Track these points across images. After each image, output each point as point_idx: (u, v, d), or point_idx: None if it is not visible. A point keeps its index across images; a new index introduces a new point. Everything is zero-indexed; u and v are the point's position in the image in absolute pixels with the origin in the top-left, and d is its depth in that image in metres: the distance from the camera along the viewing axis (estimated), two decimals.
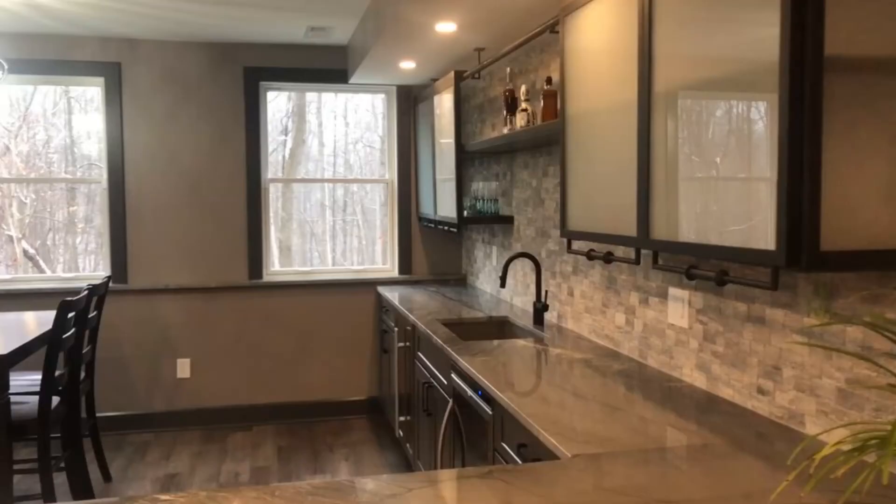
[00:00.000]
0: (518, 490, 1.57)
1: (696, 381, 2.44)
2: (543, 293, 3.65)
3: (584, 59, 2.50)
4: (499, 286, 4.18)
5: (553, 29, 2.92)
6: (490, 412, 2.51)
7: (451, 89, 4.21)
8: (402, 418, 4.24)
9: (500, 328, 3.87)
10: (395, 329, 4.28)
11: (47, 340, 3.19)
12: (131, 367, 5.00)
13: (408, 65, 4.47)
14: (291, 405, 5.22)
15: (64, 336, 3.24)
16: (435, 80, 4.98)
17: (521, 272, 4.13)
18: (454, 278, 5.45)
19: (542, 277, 3.69)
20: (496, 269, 4.63)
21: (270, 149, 5.29)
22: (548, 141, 3.52)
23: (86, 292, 3.53)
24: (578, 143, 2.55)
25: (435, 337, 3.33)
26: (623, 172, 2.21)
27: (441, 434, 3.09)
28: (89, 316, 3.75)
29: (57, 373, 3.23)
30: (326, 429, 5.06)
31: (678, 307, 2.53)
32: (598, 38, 2.39)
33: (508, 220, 4.28)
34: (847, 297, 1.78)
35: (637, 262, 2.29)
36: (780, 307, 2.02)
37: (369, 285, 5.35)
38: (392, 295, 4.77)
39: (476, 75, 4.04)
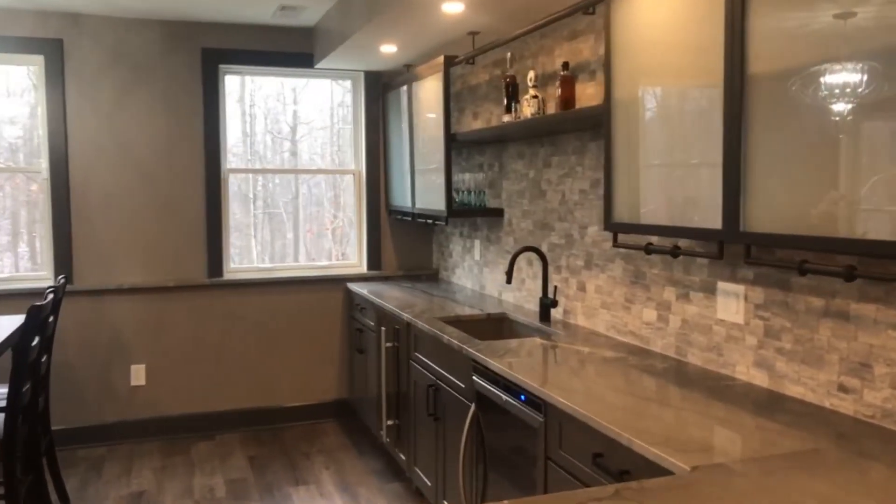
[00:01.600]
0: None
1: (755, 380, 2.35)
2: (552, 288, 3.50)
3: (642, 39, 2.35)
4: (476, 280, 4.02)
5: (587, 10, 2.77)
6: (541, 419, 2.34)
7: (439, 75, 4.00)
8: (389, 422, 4.02)
9: (502, 326, 3.70)
10: (383, 328, 4.04)
11: (14, 351, 2.80)
12: (80, 376, 4.56)
13: (389, 49, 4.23)
14: (256, 411, 4.90)
15: (32, 345, 2.86)
16: (409, 65, 4.76)
17: (515, 267, 3.97)
18: (426, 274, 5.24)
19: (545, 272, 3.54)
20: (478, 264, 4.46)
21: (230, 139, 4.93)
22: (553, 130, 3.37)
23: (51, 296, 3.14)
24: (632, 130, 2.40)
25: (447, 337, 3.13)
26: (702, 162, 2.08)
27: (463, 440, 2.90)
28: (48, 321, 3.35)
29: (24, 388, 2.84)
30: (296, 435, 4.77)
31: (731, 302, 2.43)
32: (663, 17, 2.24)
33: (497, 213, 4.11)
34: None
35: (720, 256, 2.17)
36: (871, 301, 1.94)
37: (337, 282, 5.08)
38: (367, 292, 4.53)
39: (470, 60, 3.84)
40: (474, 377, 2.87)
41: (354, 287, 4.86)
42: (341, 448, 4.52)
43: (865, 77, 1.66)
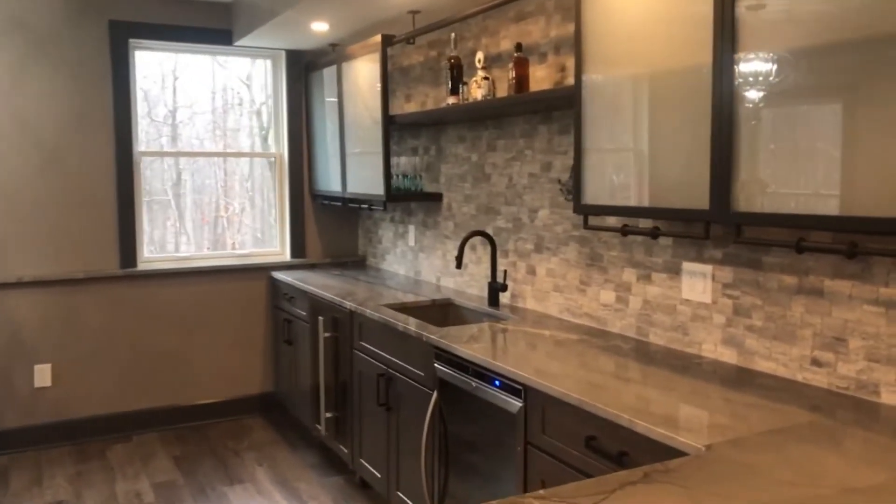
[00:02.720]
0: (708, 495, 1.39)
1: (723, 357, 2.41)
2: (502, 273, 3.47)
3: (617, 15, 2.34)
4: (411, 266, 3.95)
5: None
6: (520, 404, 2.30)
7: (376, 55, 3.87)
8: (328, 415, 3.88)
9: (449, 311, 3.64)
10: (320, 318, 3.89)
11: None
12: None
13: (320, 27, 4.06)
14: (176, 408, 4.62)
15: None
16: (335, 45, 4.59)
17: (454, 251, 3.93)
18: (352, 260, 5.10)
19: (494, 257, 3.51)
20: (413, 250, 4.38)
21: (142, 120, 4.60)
22: (501, 113, 3.33)
23: None
24: (605, 112, 2.39)
25: (402, 325, 3.04)
26: (689, 143, 2.09)
27: (425, 429, 2.83)
28: None
29: None
30: (220, 431, 4.54)
31: (697, 282, 2.47)
32: None
33: (436, 198, 4.04)
34: None
35: (706, 236, 2.19)
36: (846, 278, 2.02)
37: (259, 271, 4.86)
38: (296, 280, 4.35)
39: (410, 40, 3.74)
40: (436, 364, 2.80)
41: (279, 275, 4.67)
42: (272, 443, 4.34)
43: (775, 67, 1.71)
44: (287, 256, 4.99)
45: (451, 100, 3.50)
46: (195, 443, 4.35)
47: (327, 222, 5.07)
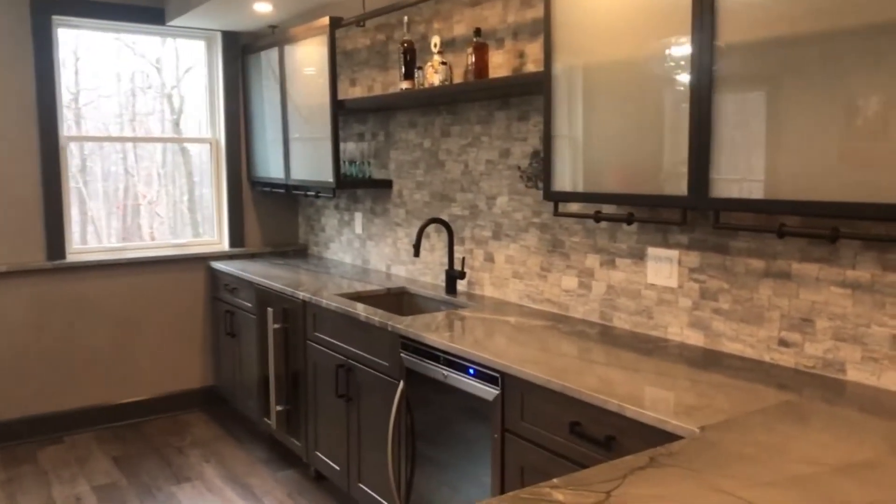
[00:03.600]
0: (718, 477, 1.42)
1: (689, 339, 2.47)
2: (461, 260, 3.45)
3: (591, 4, 2.34)
4: (358, 255, 3.89)
5: None
6: (497, 391, 2.30)
7: (323, 38, 3.77)
8: (279, 408, 3.78)
9: (404, 300, 3.60)
10: (269, 309, 3.78)
11: None
12: None
13: (263, 7, 3.91)
14: (110, 406, 4.41)
15: None
16: (273, 27, 4.45)
17: (406, 239, 3.89)
18: (293, 249, 4.98)
19: (451, 244, 3.49)
20: (360, 238, 4.31)
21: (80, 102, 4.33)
22: (456, 99, 3.30)
23: None
24: (579, 99, 2.40)
25: (364, 314, 2.99)
26: (665, 128, 2.12)
27: (392, 419, 2.79)
28: None
29: None
30: (159, 428, 4.37)
31: (663, 267, 2.52)
32: None
33: (385, 185, 3.98)
34: None
35: (683, 222, 2.23)
36: (813, 261, 2.09)
37: (197, 261, 4.68)
38: (239, 271, 4.22)
39: (361, 23, 3.65)
40: (403, 354, 2.76)
41: (219, 266, 4.51)
42: (216, 439, 4.20)
43: (752, 54, 1.77)
44: (225, 246, 4.82)
45: (405, 84, 3.44)
46: (134, 441, 4.17)
47: (266, 210, 4.93)
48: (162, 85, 4.70)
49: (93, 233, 4.52)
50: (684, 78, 2.04)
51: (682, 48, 2.05)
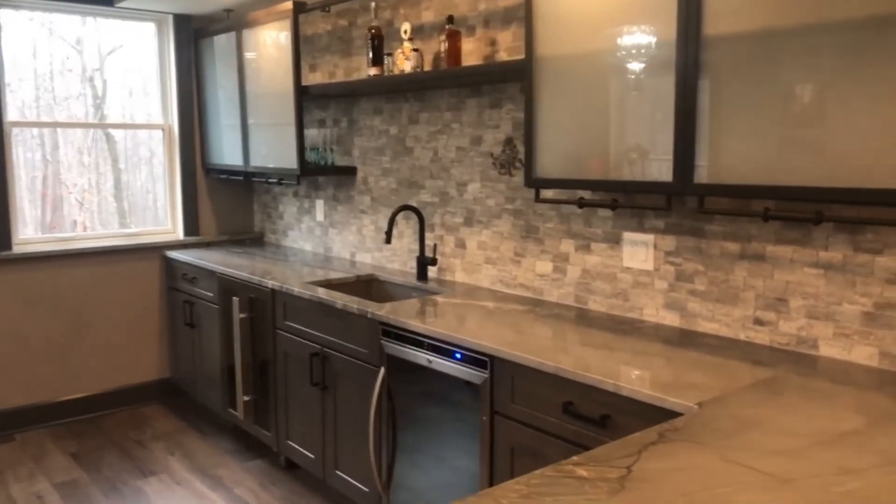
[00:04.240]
0: (728, 449, 1.50)
1: (665, 320, 2.56)
2: (432, 247, 3.48)
3: None
4: (320, 242, 3.87)
5: None
6: (486, 375, 2.34)
7: (286, 23, 3.71)
8: (246, 398, 3.74)
9: (373, 287, 3.61)
10: (235, 299, 3.72)
11: None
12: None
13: None
14: (63, 402, 4.27)
15: None
16: (229, 10, 4.36)
17: (372, 226, 3.88)
18: (249, 237, 4.91)
19: (422, 231, 3.51)
20: (322, 225, 4.28)
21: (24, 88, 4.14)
22: (426, 86, 3.32)
23: None
24: (561, 86, 2.44)
25: (341, 302, 2.98)
26: (648, 115, 2.18)
27: (373, 406, 2.81)
28: None
29: None
30: (117, 422, 4.26)
31: (639, 251, 2.61)
32: None
33: (350, 172, 3.96)
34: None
35: (668, 208, 2.30)
36: (787, 243, 2.21)
37: (151, 251, 4.56)
38: (198, 260, 4.13)
39: (326, 8, 3.61)
40: (384, 341, 2.78)
41: (176, 255, 4.41)
42: (179, 431, 4.13)
43: (735, 43, 1.86)
44: (180, 235, 4.71)
45: (373, 71, 3.43)
46: (91, 437, 4.06)
47: (221, 198, 4.84)
48: (83, 67, 4.45)
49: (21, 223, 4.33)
50: (669, 65, 2.10)
51: (667, 36, 2.11)
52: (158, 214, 4.75)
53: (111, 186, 4.61)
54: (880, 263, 2.02)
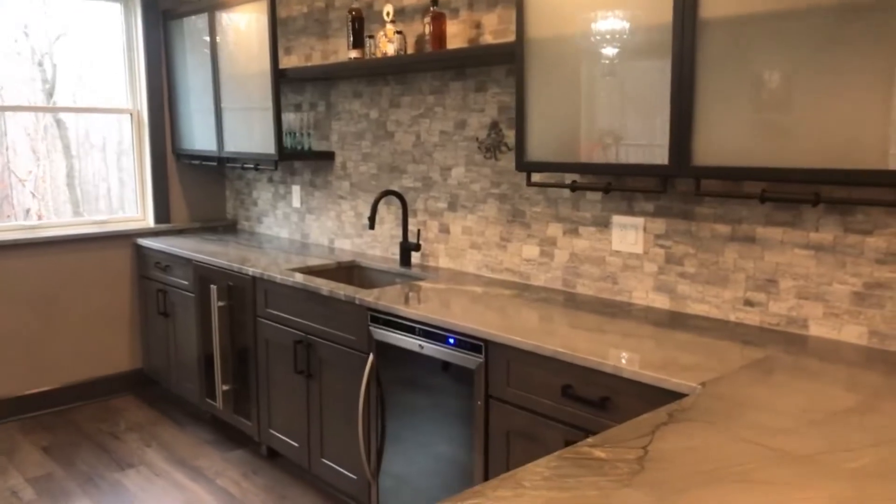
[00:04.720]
0: (739, 427, 1.51)
1: (654, 303, 2.58)
2: (415, 232, 3.45)
3: None
4: (297, 229, 3.83)
5: None
6: (480, 359, 2.33)
7: (262, 5, 3.63)
8: (225, 387, 3.68)
9: (355, 273, 3.57)
10: (213, 287, 3.65)
11: None
12: None
13: None
14: (32, 395, 4.15)
15: None
16: None
17: (352, 212, 3.84)
18: (222, 224, 4.82)
19: (405, 216, 3.48)
20: (298, 212, 4.22)
21: None
22: (407, 69, 3.28)
23: None
24: (553, 69, 2.43)
25: (327, 288, 2.94)
26: (643, 99, 2.19)
27: (362, 393, 2.78)
28: None
29: None
30: (88, 415, 4.15)
31: (628, 234, 2.62)
32: None
33: (328, 157, 3.91)
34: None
35: (663, 190, 2.31)
36: (777, 225, 2.24)
37: (121, 238, 4.44)
38: (170, 247, 4.04)
39: None
40: (372, 327, 2.75)
41: (147, 243, 4.31)
42: (153, 422, 4.05)
43: (732, 27, 1.88)
44: (150, 222, 4.60)
45: (354, 54, 3.37)
46: (63, 430, 3.95)
47: (192, 184, 4.73)
48: (32, 50, 4.27)
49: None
50: (666, 48, 2.11)
51: (663, 19, 2.11)
52: (113, 203, 4.61)
53: (65, 175, 4.46)
54: (870, 244, 2.06)
